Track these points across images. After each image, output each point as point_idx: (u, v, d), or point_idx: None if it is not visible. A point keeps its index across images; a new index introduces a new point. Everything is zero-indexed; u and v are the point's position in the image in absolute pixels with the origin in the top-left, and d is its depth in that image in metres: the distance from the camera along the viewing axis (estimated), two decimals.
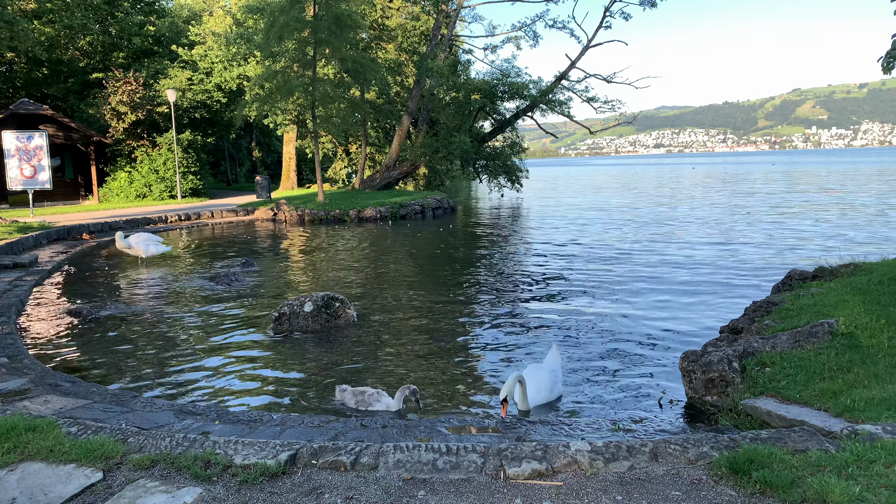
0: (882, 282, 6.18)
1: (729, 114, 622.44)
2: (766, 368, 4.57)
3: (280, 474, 3.06)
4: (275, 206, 23.45)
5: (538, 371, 5.22)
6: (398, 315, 8.34)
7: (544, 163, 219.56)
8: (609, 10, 29.47)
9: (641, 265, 11.82)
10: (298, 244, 16.52)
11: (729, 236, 15.50)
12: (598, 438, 4.15)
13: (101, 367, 6.38)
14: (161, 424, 4.39)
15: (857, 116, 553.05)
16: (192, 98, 30.85)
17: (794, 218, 19.35)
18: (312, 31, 22.21)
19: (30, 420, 3.63)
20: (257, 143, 47.38)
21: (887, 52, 6.56)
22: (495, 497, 2.83)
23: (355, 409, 5.05)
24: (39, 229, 15.90)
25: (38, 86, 30.61)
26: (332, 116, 24.35)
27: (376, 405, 5.03)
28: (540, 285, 10.29)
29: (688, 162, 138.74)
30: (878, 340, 4.63)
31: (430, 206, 23.96)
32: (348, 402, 5.14)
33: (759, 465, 2.87)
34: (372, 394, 5.09)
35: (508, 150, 31.55)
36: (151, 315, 8.56)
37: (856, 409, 3.70)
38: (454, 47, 33.33)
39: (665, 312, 8.27)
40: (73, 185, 28.64)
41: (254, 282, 10.89)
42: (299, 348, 6.90)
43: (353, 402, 5.10)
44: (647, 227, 18.12)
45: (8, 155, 21.35)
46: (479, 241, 16.46)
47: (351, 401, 5.12)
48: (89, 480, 2.99)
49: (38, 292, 10.14)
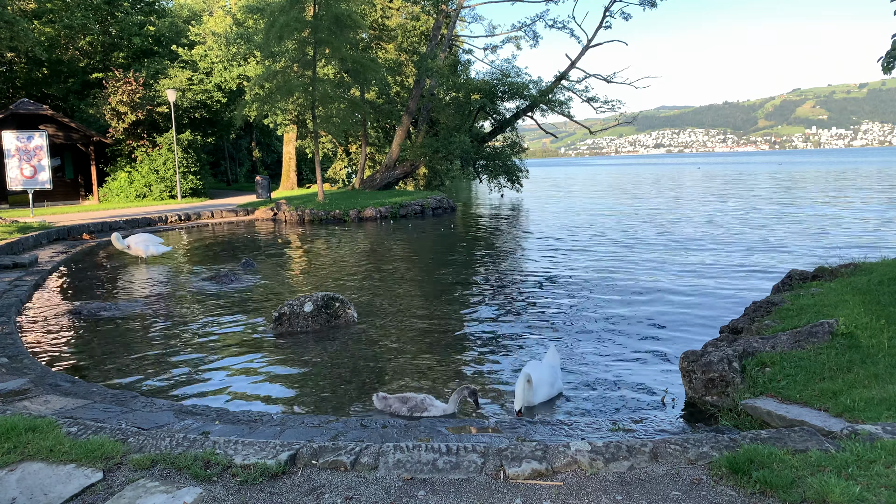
0: (882, 282, 6.18)
1: (729, 114, 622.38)
2: (766, 368, 4.57)
3: (280, 474, 3.06)
4: (275, 206, 23.45)
5: (538, 367, 5.30)
6: (398, 315, 8.34)
7: (544, 163, 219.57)
8: (609, 10, 29.52)
9: (642, 265, 11.81)
10: (298, 244, 16.52)
11: (730, 236, 15.50)
12: (598, 438, 4.15)
13: (101, 367, 6.39)
14: (161, 424, 4.39)
15: (857, 116, 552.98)
16: (192, 98, 30.86)
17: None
18: (312, 31, 22.21)
19: (30, 420, 3.63)
20: (257, 143, 47.39)
21: (887, 52, 6.56)
22: (495, 497, 2.83)
23: (408, 415, 4.81)
24: (39, 229, 15.90)
25: (38, 86, 30.63)
26: (332, 116, 24.35)
27: (432, 409, 4.84)
28: (540, 285, 10.28)
29: (689, 162, 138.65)
30: (878, 340, 4.63)
31: (430, 205, 23.97)
32: (397, 409, 4.87)
33: (759, 465, 2.87)
34: (423, 398, 4.89)
35: (508, 150, 31.58)
36: (151, 315, 8.56)
37: (856, 409, 3.70)
38: (454, 47, 33.33)
39: (665, 312, 8.27)
40: (73, 185, 28.64)
41: (254, 282, 10.89)
42: (299, 348, 6.90)
43: (405, 409, 4.85)
44: (648, 227, 18.12)
45: (8, 155, 21.36)
46: (479, 240, 16.46)
47: (401, 408, 4.87)
48: (89, 480, 2.99)
49: (38, 292, 10.14)
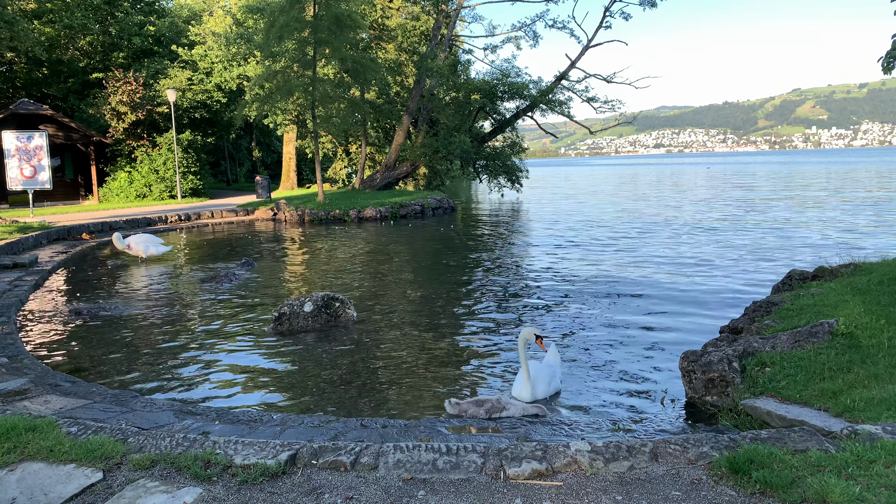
0: (882, 282, 6.18)
1: (729, 114, 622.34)
2: (766, 368, 4.57)
3: (280, 474, 3.06)
4: (275, 206, 23.45)
5: (536, 366, 5.37)
6: (398, 315, 8.34)
7: (544, 163, 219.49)
8: (609, 11, 29.51)
9: (642, 265, 11.81)
10: (298, 244, 16.51)
11: (730, 236, 15.50)
12: (598, 438, 4.15)
13: (101, 367, 6.39)
14: (161, 424, 4.39)
15: (857, 116, 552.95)
16: (192, 98, 30.86)
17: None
18: (312, 31, 22.21)
19: (30, 420, 3.62)
20: (257, 143, 47.38)
21: (887, 52, 6.55)
22: (495, 497, 2.83)
23: (486, 418, 4.75)
24: (39, 229, 15.89)
25: (38, 86, 30.62)
26: (332, 116, 24.35)
27: (510, 408, 4.84)
28: (540, 285, 10.28)
29: (690, 162, 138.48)
30: (878, 340, 4.63)
31: (430, 205, 23.97)
32: (474, 413, 4.80)
33: (759, 465, 2.87)
34: (499, 398, 4.88)
35: (508, 150, 31.58)
36: (151, 315, 8.56)
37: (856, 409, 3.70)
38: (454, 47, 33.33)
39: (665, 312, 8.27)
40: (73, 185, 28.63)
41: (254, 282, 10.89)
42: (299, 348, 6.90)
43: (483, 411, 4.80)
44: (649, 227, 18.11)
45: (8, 155, 21.36)
46: (478, 240, 16.46)
47: (478, 411, 4.81)
48: (89, 480, 2.99)
49: (38, 292, 10.14)
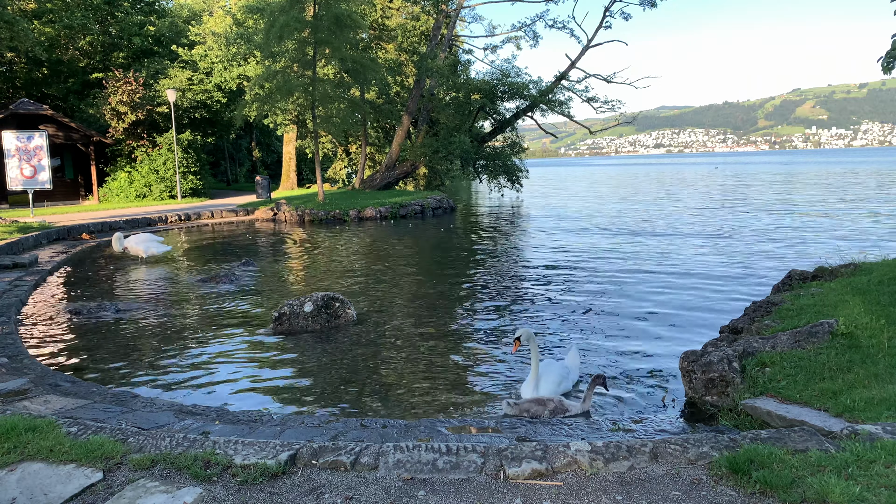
0: (882, 282, 6.18)
1: (729, 114, 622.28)
2: (766, 368, 4.57)
3: (280, 474, 3.06)
4: (275, 206, 23.45)
5: (548, 364, 5.41)
6: (398, 315, 8.34)
7: (544, 163, 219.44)
8: (609, 11, 29.52)
9: (642, 265, 11.81)
10: (298, 244, 16.51)
11: (730, 236, 15.50)
12: (598, 438, 4.15)
13: (101, 367, 6.38)
14: (161, 424, 4.39)
15: (857, 116, 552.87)
16: (192, 98, 30.86)
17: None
18: (312, 31, 22.21)
19: (30, 420, 3.62)
20: (257, 143, 47.39)
21: (887, 52, 6.55)
22: (495, 497, 2.83)
23: (548, 417, 4.77)
24: (39, 229, 15.89)
25: (38, 86, 30.62)
26: (332, 116, 24.35)
27: (572, 409, 4.87)
28: (539, 285, 10.28)
29: (690, 162, 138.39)
30: (878, 340, 4.62)
31: (430, 206, 23.97)
32: (537, 412, 4.80)
33: (759, 465, 2.87)
34: (560, 400, 4.89)
35: (508, 150, 31.59)
36: (151, 315, 8.56)
37: (856, 409, 3.70)
38: (454, 47, 33.34)
39: (665, 312, 8.27)
40: (73, 185, 28.64)
41: (254, 282, 10.89)
42: (299, 348, 6.90)
43: (547, 412, 4.79)
44: (649, 227, 18.11)
45: (8, 155, 21.36)
46: (478, 240, 16.45)
47: (542, 411, 4.80)
48: (89, 480, 2.99)
49: (38, 292, 10.13)
